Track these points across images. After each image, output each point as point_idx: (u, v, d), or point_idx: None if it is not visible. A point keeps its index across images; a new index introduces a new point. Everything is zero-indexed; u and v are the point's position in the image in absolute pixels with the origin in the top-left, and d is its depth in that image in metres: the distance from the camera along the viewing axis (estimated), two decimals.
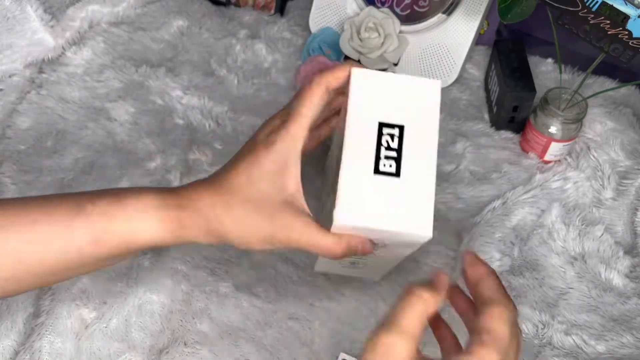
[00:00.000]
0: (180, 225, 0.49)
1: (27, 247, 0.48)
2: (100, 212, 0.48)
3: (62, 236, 0.48)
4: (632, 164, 0.77)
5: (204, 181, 0.51)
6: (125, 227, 0.48)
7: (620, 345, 0.63)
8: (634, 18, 0.63)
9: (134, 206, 0.49)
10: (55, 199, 0.49)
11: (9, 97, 0.80)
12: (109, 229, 0.48)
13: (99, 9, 0.89)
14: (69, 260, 0.48)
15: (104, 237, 0.48)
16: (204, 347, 0.61)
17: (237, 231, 0.48)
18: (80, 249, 0.48)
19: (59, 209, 0.48)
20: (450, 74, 0.84)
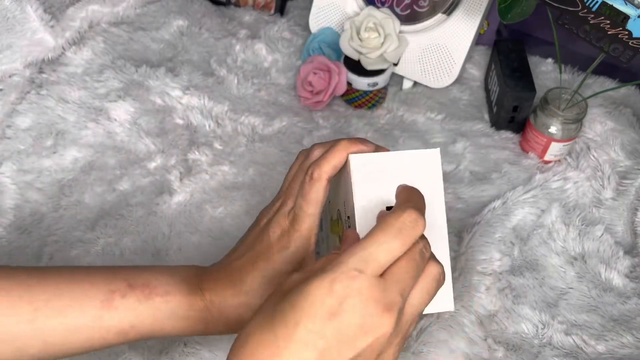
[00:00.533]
0: (206, 326, 0.52)
1: (55, 333, 0.48)
2: (129, 307, 0.49)
3: (90, 326, 0.49)
4: (632, 164, 0.77)
5: (226, 280, 0.52)
6: (153, 325, 0.50)
7: (621, 346, 0.63)
8: (634, 18, 0.63)
9: (164, 306, 0.50)
10: (86, 283, 0.50)
11: (9, 97, 0.80)
12: (137, 325, 0.50)
13: (98, 9, 0.89)
14: (93, 346, 0.50)
15: (131, 331, 0.50)
16: (203, 347, 0.61)
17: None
18: (106, 339, 0.49)
19: (89, 296, 0.49)
20: (450, 74, 0.84)
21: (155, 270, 0.52)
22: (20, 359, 0.48)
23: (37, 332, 0.48)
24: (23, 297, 0.47)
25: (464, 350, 0.62)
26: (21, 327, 0.47)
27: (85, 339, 0.49)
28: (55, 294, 0.48)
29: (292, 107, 0.83)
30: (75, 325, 0.48)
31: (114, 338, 0.49)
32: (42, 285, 0.48)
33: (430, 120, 0.83)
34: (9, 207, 0.71)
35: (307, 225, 0.49)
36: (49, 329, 0.48)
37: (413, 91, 0.87)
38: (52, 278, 0.49)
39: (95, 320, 0.48)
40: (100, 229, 0.68)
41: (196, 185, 0.73)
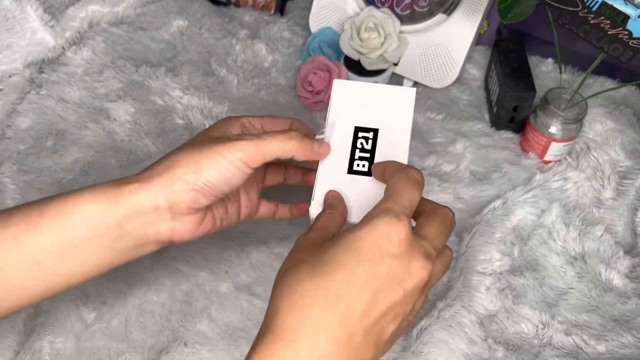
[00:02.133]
0: (118, 185, 0.49)
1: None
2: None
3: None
4: (632, 164, 0.77)
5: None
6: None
7: (621, 346, 0.63)
8: (634, 18, 0.63)
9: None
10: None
11: (9, 97, 0.80)
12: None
13: (98, 9, 0.89)
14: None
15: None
16: (203, 347, 0.61)
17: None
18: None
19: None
20: (450, 74, 0.84)
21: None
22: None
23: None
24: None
25: (464, 350, 0.62)
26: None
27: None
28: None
29: (292, 107, 0.83)
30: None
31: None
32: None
33: (430, 120, 0.83)
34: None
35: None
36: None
37: None
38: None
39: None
40: None
41: None
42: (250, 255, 0.68)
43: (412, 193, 0.45)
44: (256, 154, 0.50)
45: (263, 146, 0.50)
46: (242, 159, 0.49)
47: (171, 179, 0.49)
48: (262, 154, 0.50)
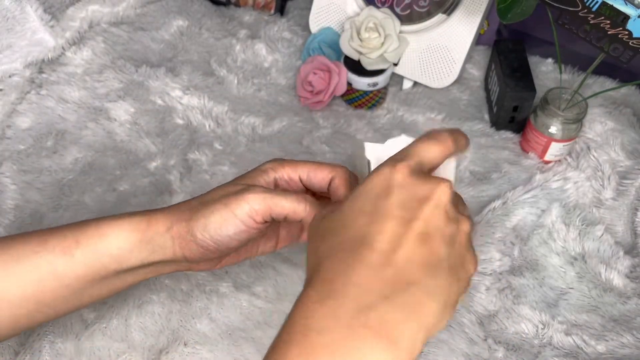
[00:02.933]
0: (148, 222, 0.50)
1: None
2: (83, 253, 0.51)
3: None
4: (632, 164, 0.77)
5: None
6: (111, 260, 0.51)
7: (621, 346, 0.63)
8: (634, 18, 0.63)
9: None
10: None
11: (9, 97, 0.80)
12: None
13: (98, 9, 0.89)
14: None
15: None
16: (203, 347, 0.61)
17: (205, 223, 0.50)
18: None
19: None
20: (450, 74, 0.84)
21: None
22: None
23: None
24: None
25: (464, 350, 0.62)
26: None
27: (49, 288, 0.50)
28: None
29: (292, 107, 0.83)
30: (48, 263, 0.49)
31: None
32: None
33: (430, 120, 0.83)
34: (9, 207, 0.71)
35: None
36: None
37: (413, 91, 0.87)
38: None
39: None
40: None
41: (196, 185, 0.73)
42: None
43: (424, 145, 0.44)
44: (263, 209, 0.49)
45: (271, 202, 0.49)
46: (247, 213, 0.48)
47: (185, 230, 0.50)
48: (269, 210, 0.49)
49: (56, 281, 0.50)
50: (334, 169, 0.53)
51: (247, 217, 0.48)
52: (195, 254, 0.51)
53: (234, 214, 0.48)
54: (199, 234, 0.49)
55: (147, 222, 0.50)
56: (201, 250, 0.50)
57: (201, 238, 0.49)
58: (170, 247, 0.50)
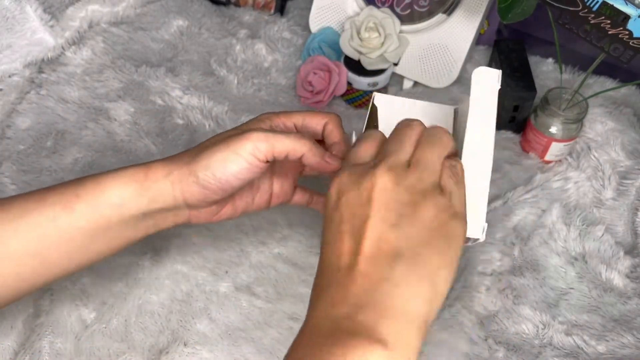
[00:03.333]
0: (146, 171, 0.51)
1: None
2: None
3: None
4: (633, 164, 0.77)
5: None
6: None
7: (621, 346, 0.63)
8: (635, 18, 0.63)
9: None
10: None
11: (9, 97, 0.80)
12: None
13: (98, 8, 0.89)
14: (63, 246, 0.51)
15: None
16: (203, 348, 0.61)
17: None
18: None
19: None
20: (451, 74, 0.84)
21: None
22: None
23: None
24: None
25: (464, 350, 0.62)
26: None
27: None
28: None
29: (292, 107, 0.83)
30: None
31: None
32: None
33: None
34: None
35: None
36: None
37: (413, 91, 0.87)
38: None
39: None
40: None
41: None
42: (250, 255, 0.68)
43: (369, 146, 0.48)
44: (266, 147, 0.49)
45: (273, 139, 0.50)
46: (251, 152, 0.49)
47: (186, 172, 0.51)
48: (272, 147, 0.50)
49: (58, 236, 0.50)
50: (327, 115, 0.56)
51: (250, 155, 0.49)
52: (196, 196, 0.51)
53: (237, 153, 0.49)
54: (201, 174, 0.50)
55: (145, 171, 0.51)
56: (203, 192, 0.50)
57: (203, 177, 0.50)
58: (170, 192, 0.51)
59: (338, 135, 0.55)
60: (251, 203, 0.57)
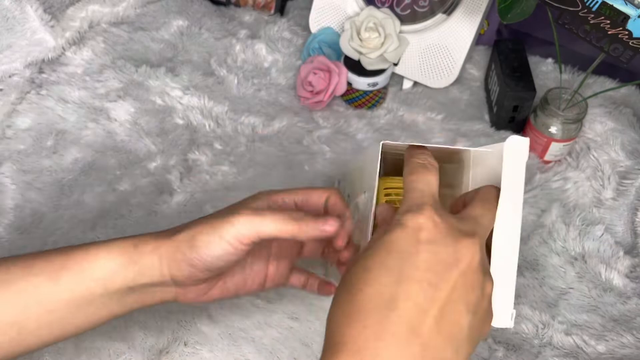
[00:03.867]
0: (136, 244, 0.50)
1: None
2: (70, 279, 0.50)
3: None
4: (632, 164, 0.77)
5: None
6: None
7: (621, 346, 0.63)
8: (634, 18, 0.63)
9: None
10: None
11: (9, 97, 0.80)
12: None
13: (98, 9, 0.89)
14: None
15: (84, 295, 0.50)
16: (204, 347, 0.61)
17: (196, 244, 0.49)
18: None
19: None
20: (450, 74, 0.84)
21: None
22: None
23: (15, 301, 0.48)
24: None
25: None
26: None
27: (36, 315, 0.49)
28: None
29: (292, 107, 0.83)
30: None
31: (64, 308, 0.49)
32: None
33: (430, 120, 0.83)
34: (9, 207, 0.71)
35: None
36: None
37: (413, 91, 0.87)
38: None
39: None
40: (100, 229, 0.68)
41: (196, 185, 0.73)
42: None
43: (425, 179, 0.44)
44: (249, 231, 0.48)
45: (258, 224, 0.48)
46: (234, 236, 0.48)
47: (174, 249, 0.49)
48: (256, 231, 0.48)
49: (41, 306, 0.48)
50: (328, 189, 0.54)
51: (234, 239, 0.48)
52: (183, 274, 0.49)
53: (221, 237, 0.48)
54: (188, 252, 0.49)
55: (134, 243, 0.50)
56: (189, 269, 0.49)
57: (189, 256, 0.49)
58: (157, 267, 0.49)
59: (342, 207, 0.53)
60: (243, 284, 0.55)
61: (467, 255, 0.40)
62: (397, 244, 0.40)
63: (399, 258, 0.40)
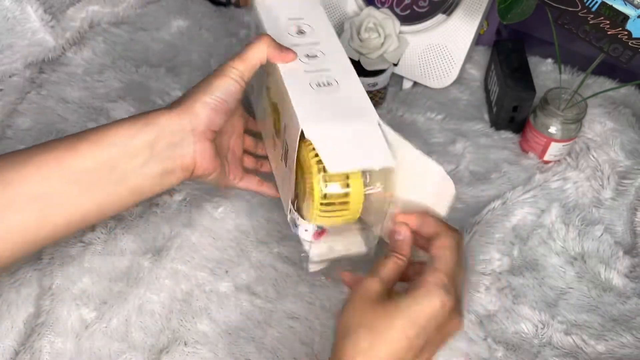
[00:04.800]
0: (148, 112, 0.55)
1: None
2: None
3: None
4: (632, 164, 0.78)
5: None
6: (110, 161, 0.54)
7: (620, 345, 0.64)
8: (634, 18, 0.63)
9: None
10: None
11: (9, 97, 0.80)
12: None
13: (99, 9, 0.89)
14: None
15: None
16: (204, 347, 0.61)
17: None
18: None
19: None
20: (450, 74, 0.84)
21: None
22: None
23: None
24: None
25: (463, 350, 0.62)
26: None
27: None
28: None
29: None
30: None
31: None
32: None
33: (430, 120, 0.83)
34: None
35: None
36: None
37: (413, 91, 0.87)
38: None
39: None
40: (100, 229, 0.68)
41: (196, 185, 0.73)
42: (250, 255, 0.68)
43: (455, 257, 0.51)
44: (246, 66, 0.57)
45: (247, 59, 0.58)
46: (237, 74, 0.57)
47: (192, 103, 0.56)
48: (249, 64, 0.58)
49: (63, 176, 0.51)
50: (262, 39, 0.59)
51: (238, 77, 0.57)
52: (203, 120, 0.55)
53: (229, 77, 0.57)
54: (207, 98, 0.56)
55: (147, 112, 0.55)
56: (209, 114, 0.56)
57: (209, 100, 0.56)
58: (177, 121, 0.55)
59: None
60: (226, 164, 0.63)
61: (459, 328, 0.51)
62: (421, 317, 0.47)
63: (417, 331, 0.47)
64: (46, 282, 0.64)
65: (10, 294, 0.64)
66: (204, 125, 0.56)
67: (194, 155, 0.56)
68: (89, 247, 0.67)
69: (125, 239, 0.68)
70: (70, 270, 0.65)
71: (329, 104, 0.57)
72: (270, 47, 0.58)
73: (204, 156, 0.57)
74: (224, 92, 0.56)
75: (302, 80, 0.59)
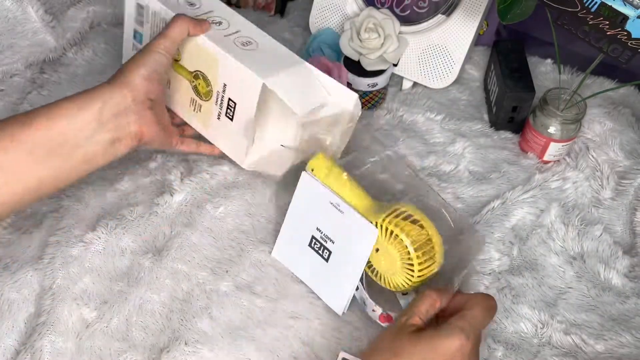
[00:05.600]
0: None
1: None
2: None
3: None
4: (631, 164, 0.78)
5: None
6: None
7: (620, 345, 0.64)
8: (633, 19, 0.63)
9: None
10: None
11: (10, 97, 0.81)
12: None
13: (99, 9, 0.90)
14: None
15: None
16: (204, 346, 0.61)
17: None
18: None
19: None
20: (450, 75, 0.85)
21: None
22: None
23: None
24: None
25: None
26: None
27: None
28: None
29: None
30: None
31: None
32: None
33: (429, 121, 0.83)
34: None
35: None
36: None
37: (413, 91, 0.87)
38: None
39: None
40: (101, 229, 0.69)
41: (197, 185, 0.73)
42: (251, 254, 0.68)
43: (486, 320, 0.54)
44: (170, 42, 0.65)
45: (170, 37, 0.65)
46: (164, 49, 0.65)
47: (129, 75, 0.62)
48: (172, 40, 0.65)
49: (19, 149, 0.57)
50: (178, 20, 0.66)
51: (165, 51, 0.65)
52: (142, 90, 0.62)
53: (158, 52, 0.64)
54: (143, 70, 0.63)
55: (90, 89, 0.61)
56: (146, 84, 0.62)
57: (144, 73, 0.63)
58: (117, 91, 0.61)
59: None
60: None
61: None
62: (441, 349, 0.51)
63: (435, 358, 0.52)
64: (47, 281, 0.64)
65: (11, 294, 0.64)
66: (142, 94, 0.62)
67: (139, 123, 0.63)
68: (89, 247, 0.67)
69: (125, 238, 0.68)
70: (71, 270, 0.65)
71: (264, 59, 0.65)
72: (190, 23, 0.66)
73: (148, 123, 0.64)
74: (154, 64, 0.64)
75: (227, 43, 0.66)
